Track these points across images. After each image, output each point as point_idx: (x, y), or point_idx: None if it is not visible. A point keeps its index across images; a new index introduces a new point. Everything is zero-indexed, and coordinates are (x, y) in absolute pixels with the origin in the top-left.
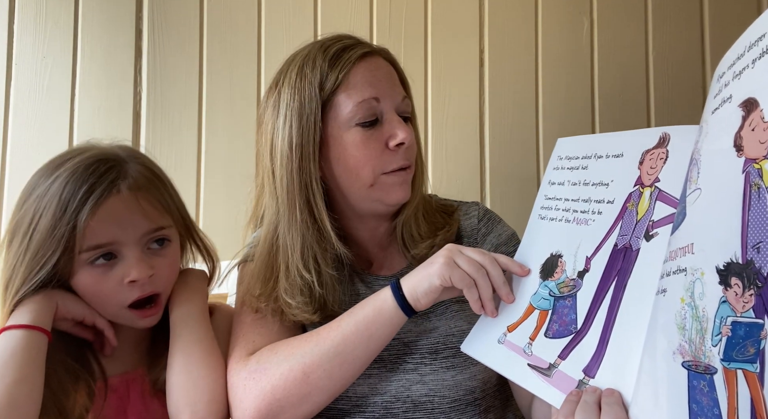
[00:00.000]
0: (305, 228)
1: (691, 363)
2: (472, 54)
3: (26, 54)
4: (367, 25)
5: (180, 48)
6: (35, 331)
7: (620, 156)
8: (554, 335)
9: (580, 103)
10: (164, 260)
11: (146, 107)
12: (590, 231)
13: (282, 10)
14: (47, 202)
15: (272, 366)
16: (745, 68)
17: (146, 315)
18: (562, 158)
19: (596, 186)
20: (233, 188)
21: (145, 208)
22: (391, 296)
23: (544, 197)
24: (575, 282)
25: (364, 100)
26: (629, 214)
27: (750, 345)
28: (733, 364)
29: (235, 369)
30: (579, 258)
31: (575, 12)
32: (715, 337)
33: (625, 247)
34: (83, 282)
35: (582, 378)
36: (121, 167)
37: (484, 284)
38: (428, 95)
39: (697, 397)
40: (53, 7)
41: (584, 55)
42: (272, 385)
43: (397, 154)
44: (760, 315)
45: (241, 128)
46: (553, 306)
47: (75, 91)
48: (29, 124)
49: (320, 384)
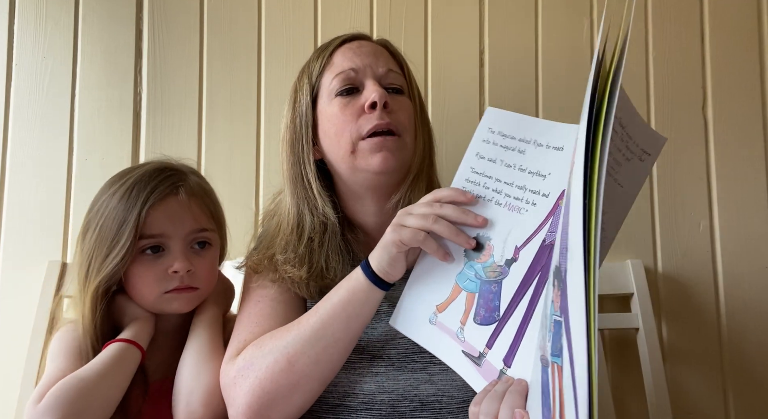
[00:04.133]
0: (300, 200)
1: (542, 357)
2: (472, 54)
3: (26, 54)
4: (367, 24)
5: (180, 48)
6: (134, 347)
7: (560, 149)
8: (482, 321)
9: (580, 103)
10: (203, 260)
11: (146, 107)
12: (522, 220)
13: (282, 10)
14: (119, 198)
15: (258, 361)
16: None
17: (182, 293)
18: (494, 132)
19: (533, 175)
20: (233, 188)
21: (196, 212)
22: (362, 274)
23: (471, 169)
24: (502, 270)
25: (342, 72)
26: (559, 211)
27: (559, 340)
28: (554, 359)
29: (225, 370)
30: (508, 246)
31: (575, 12)
32: (549, 334)
33: (551, 244)
34: (135, 269)
35: (501, 368)
36: (182, 176)
37: (440, 227)
38: (428, 95)
39: (545, 388)
40: (53, 7)
41: (584, 55)
42: (259, 379)
43: (372, 116)
44: (563, 312)
45: (241, 128)
46: (480, 289)
47: (75, 91)
48: (29, 124)
49: (307, 371)
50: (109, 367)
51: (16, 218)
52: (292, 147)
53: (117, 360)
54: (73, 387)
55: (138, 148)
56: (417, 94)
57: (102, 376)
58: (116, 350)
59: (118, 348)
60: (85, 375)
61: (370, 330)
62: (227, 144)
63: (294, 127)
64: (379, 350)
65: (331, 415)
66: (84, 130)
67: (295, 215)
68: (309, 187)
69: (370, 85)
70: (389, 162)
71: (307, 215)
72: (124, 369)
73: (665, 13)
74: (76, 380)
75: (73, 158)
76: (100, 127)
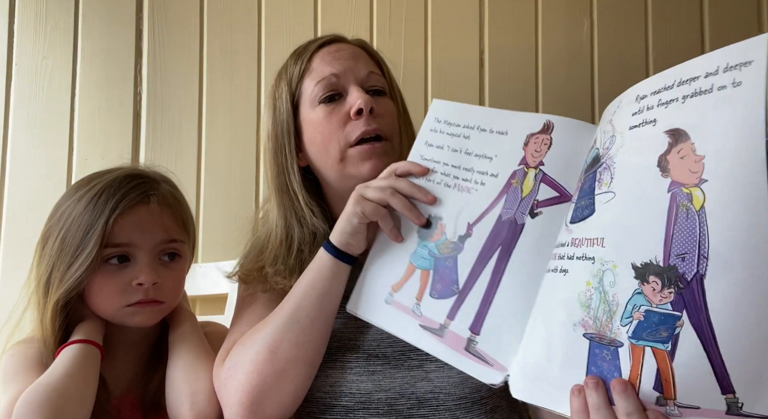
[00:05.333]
0: (287, 211)
1: (594, 335)
2: (472, 54)
3: (26, 54)
4: (367, 25)
5: (180, 48)
6: (91, 346)
7: (504, 133)
8: (439, 295)
9: (580, 102)
10: (171, 273)
11: (146, 107)
12: (472, 199)
13: (282, 10)
14: (84, 204)
15: (242, 357)
16: (673, 100)
17: (145, 306)
18: (440, 121)
19: (479, 157)
20: (233, 188)
21: (166, 222)
22: (324, 252)
23: (420, 157)
24: (455, 246)
25: (323, 78)
26: (514, 190)
27: (663, 330)
28: (641, 342)
29: (216, 374)
30: (460, 223)
31: (575, 12)
32: (625, 319)
33: (509, 220)
34: (97, 279)
35: (469, 336)
36: (154, 184)
37: (397, 201)
38: (428, 95)
39: (598, 362)
40: (53, 7)
41: (584, 55)
42: (246, 374)
43: (359, 122)
44: (679, 309)
45: (241, 128)
46: (434, 266)
47: (75, 91)
48: (29, 124)
49: (290, 356)
50: (73, 368)
51: (16, 218)
52: (275, 156)
53: (79, 360)
54: (39, 396)
55: (138, 147)
56: (398, 94)
57: (68, 377)
58: (74, 351)
59: (75, 350)
60: (50, 380)
61: (365, 329)
62: (227, 144)
63: (276, 135)
64: (374, 349)
65: (328, 415)
66: (84, 130)
67: (283, 227)
68: (295, 197)
69: (354, 91)
70: (379, 169)
71: (295, 226)
72: (88, 368)
73: (665, 13)
74: (41, 387)
75: (73, 158)
76: (100, 127)
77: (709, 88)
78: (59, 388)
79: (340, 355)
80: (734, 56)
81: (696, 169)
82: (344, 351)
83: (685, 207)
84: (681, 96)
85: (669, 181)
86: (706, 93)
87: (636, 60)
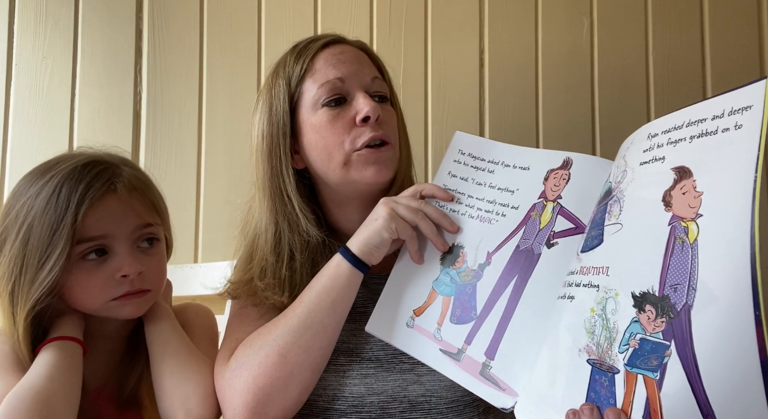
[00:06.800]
0: (279, 216)
1: (596, 361)
2: (472, 54)
3: (26, 54)
4: (367, 25)
5: (180, 48)
6: (73, 342)
7: (527, 169)
8: (458, 321)
9: (580, 102)
10: (153, 259)
11: (146, 107)
12: (493, 229)
13: (282, 10)
14: (45, 200)
15: (249, 358)
16: (681, 139)
17: (133, 298)
18: (465, 154)
19: (502, 191)
20: (233, 188)
21: (137, 207)
22: (342, 259)
23: (444, 186)
24: (476, 273)
25: (328, 81)
26: (533, 222)
27: (654, 358)
28: (635, 369)
29: (219, 373)
30: (480, 252)
31: (575, 12)
32: (623, 346)
33: (526, 250)
34: (75, 277)
35: (484, 361)
36: (116, 169)
37: (426, 225)
38: (428, 95)
39: (597, 388)
40: (53, 7)
41: (584, 55)
42: (253, 376)
43: (365, 129)
44: (668, 338)
45: (241, 128)
46: (455, 292)
47: (75, 91)
48: (29, 124)
49: (299, 361)
50: (58, 368)
51: None
52: (269, 158)
53: (62, 359)
54: (26, 398)
55: (138, 147)
56: (397, 99)
57: (53, 379)
58: (56, 349)
59: (57, 348)
60: (35, 383)
61: (359, 332)
62: (227, 144)
63: (271, 135)
64: (367, 352)
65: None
66: (84, 130)
67: (273, 234)
68: (288, 201)
69: (360, 98)
70: (383, 173)
71: (286, 233)
72: (72, 367)
73: (665, 13)
74: (25, 391)
75: None
76: (100, 127)
77: (715, 130)
78: (45, 391)
79: (333, 358)
80: (738, 101)
81: (694, 204)
82: (337, 354)
83: (681, 239)
84: (689, 136)
85: (670, 214)
86: (712, 134)
87: (636, 60)
